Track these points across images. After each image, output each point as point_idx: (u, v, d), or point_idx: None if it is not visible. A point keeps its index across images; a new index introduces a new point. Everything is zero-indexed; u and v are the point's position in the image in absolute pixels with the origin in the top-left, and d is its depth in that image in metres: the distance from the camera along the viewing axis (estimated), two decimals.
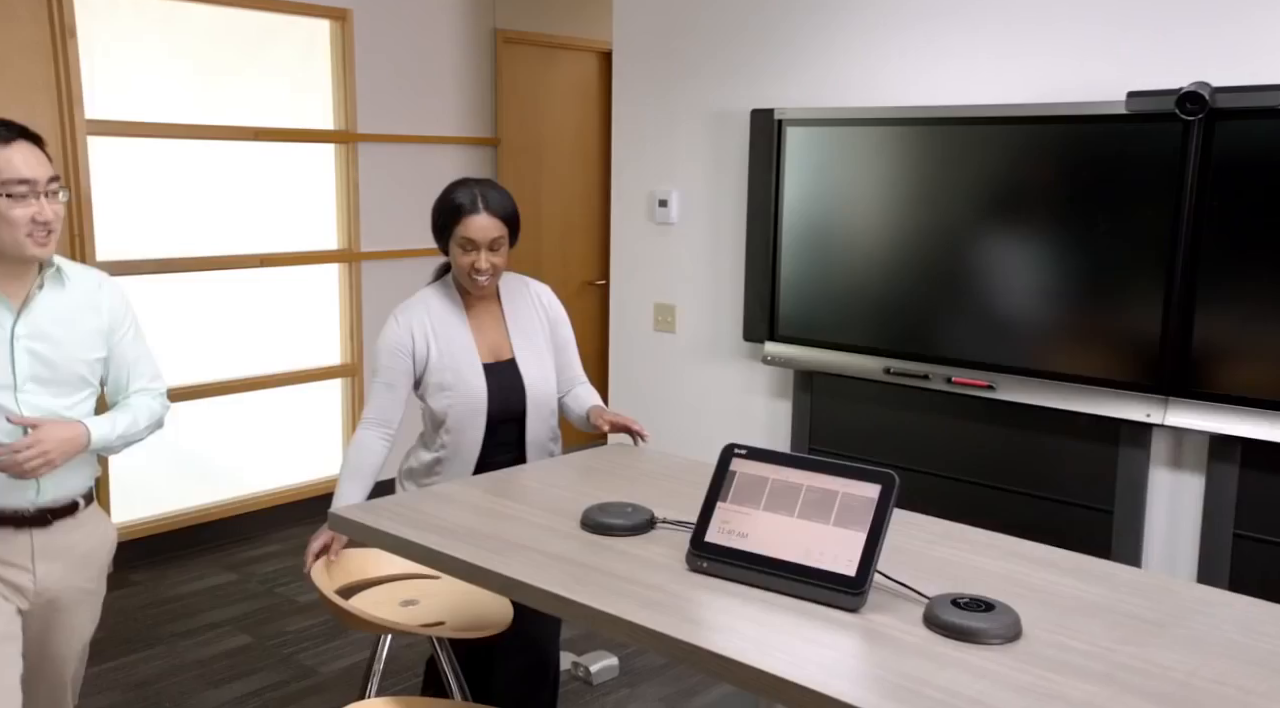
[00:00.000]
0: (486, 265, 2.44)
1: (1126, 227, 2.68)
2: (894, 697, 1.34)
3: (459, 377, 2.44)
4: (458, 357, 2.47)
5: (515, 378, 2.51)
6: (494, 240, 2.43)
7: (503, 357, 2.52)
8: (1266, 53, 2.52)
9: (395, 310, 2.51)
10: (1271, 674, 1.41)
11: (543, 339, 2.59)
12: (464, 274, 2.46)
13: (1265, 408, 2.52)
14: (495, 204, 2.44)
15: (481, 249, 2.43)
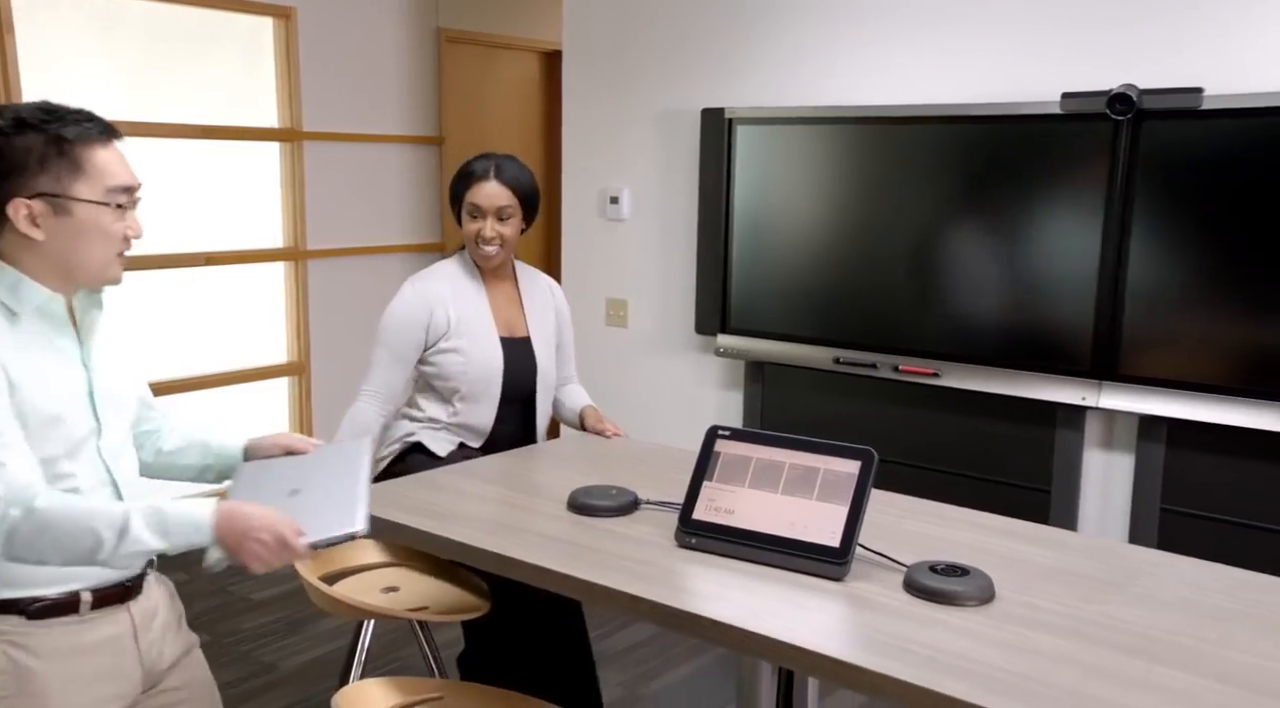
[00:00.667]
0: (493, 234, 2.44)
1: (1061, 221, 2.85)
2: (884, 654, 1.44)
3: (475, 343, 2.44)
4: (474, 324, 2.46)
5: (529, 355, 2.53)
6: (502, 209, 2.43)
7: (517, 333, 2.54)
8: (1189, 56, 2.69)
9: (410, 278, 2.49)
10: (1220, 624, 1.55)
11: (552, 329, 2.63)
12: (471, 242, 2.47)
13: (1188, 390, 2.70)
14: (508, 174, 2.46)
15: (489, 217, 2.43)
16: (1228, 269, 2.63)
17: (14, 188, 1.49)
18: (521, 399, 2.52)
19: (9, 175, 1.49)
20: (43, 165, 1.49)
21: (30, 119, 1.50)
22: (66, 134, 1.50)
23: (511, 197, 2.45)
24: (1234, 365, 2.64)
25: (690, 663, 3.42)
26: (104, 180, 1.54)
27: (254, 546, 1.55)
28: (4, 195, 1.49)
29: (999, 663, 1.42)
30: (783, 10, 3.36)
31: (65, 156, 1.50)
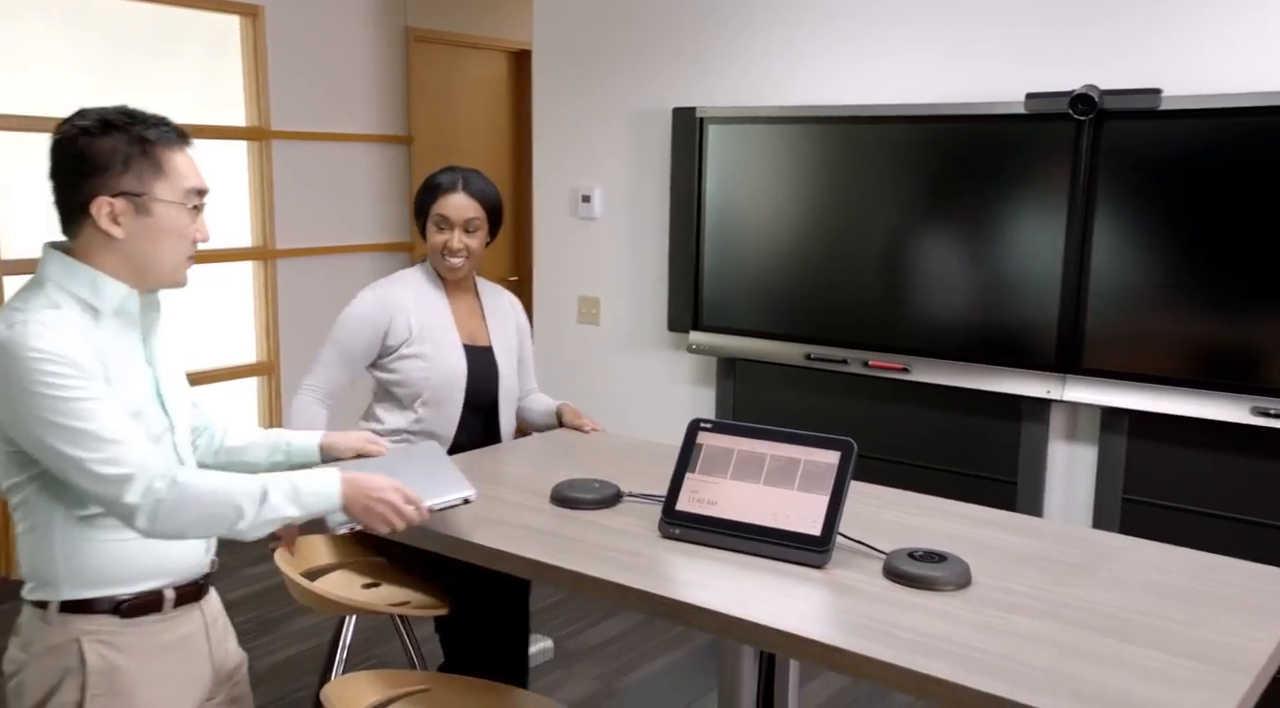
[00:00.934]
0: (460, 246, 2.45)
1: (1026, 219, 2.91)
2: (867, 637, 1.48)
3: (438, 349, 2.44)
4: (437, 331, 2.46)
5: (491, 365, 2.53)
6: (469, 221, 2.45)
7: (479, 342, 2.54)
8: (1149, 57, 2.77)
9: (373, 284, 2.49)
10: (1188, 605, 1.60)
11: (514, 341, 2.63)
12: (437, 254, 2.47)
13: (1149, 383, 2.78)
14: (475, 187, 2.48)
15: (456, 229, 2.44)
16: (1186, 266, 2.71)
17: (98, 186, 1.53)
18: (484, 408, 2.52)
19: (94, 174, 1.52)
20: (126, 165, 1.53)
21: (115, 120, 1.55)
22: (149, 136, 1.55)
23: (479, 209, 2.47)
24: (1192, 359, 2.72)
25: (665, 657, 3.46)
26: (182, 182, 1.58)
27: (381, 507, 1.66)
28: (88, 193, 1.53)
29: (978, 645, 1.47)
30: (753, 10, 3.40)
31: (147, 157, 1.55)
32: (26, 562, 1.58)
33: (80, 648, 1.55)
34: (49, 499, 1.54)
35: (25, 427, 1.48)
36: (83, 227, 1.55)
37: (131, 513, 1.50)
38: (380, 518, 1.67)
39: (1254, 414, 2.64)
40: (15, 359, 1.47)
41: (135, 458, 1.50)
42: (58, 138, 1.55)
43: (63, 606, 1.55)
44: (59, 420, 1.47)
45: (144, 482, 1.49)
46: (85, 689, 1.54)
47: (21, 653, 1.58)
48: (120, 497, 1.49)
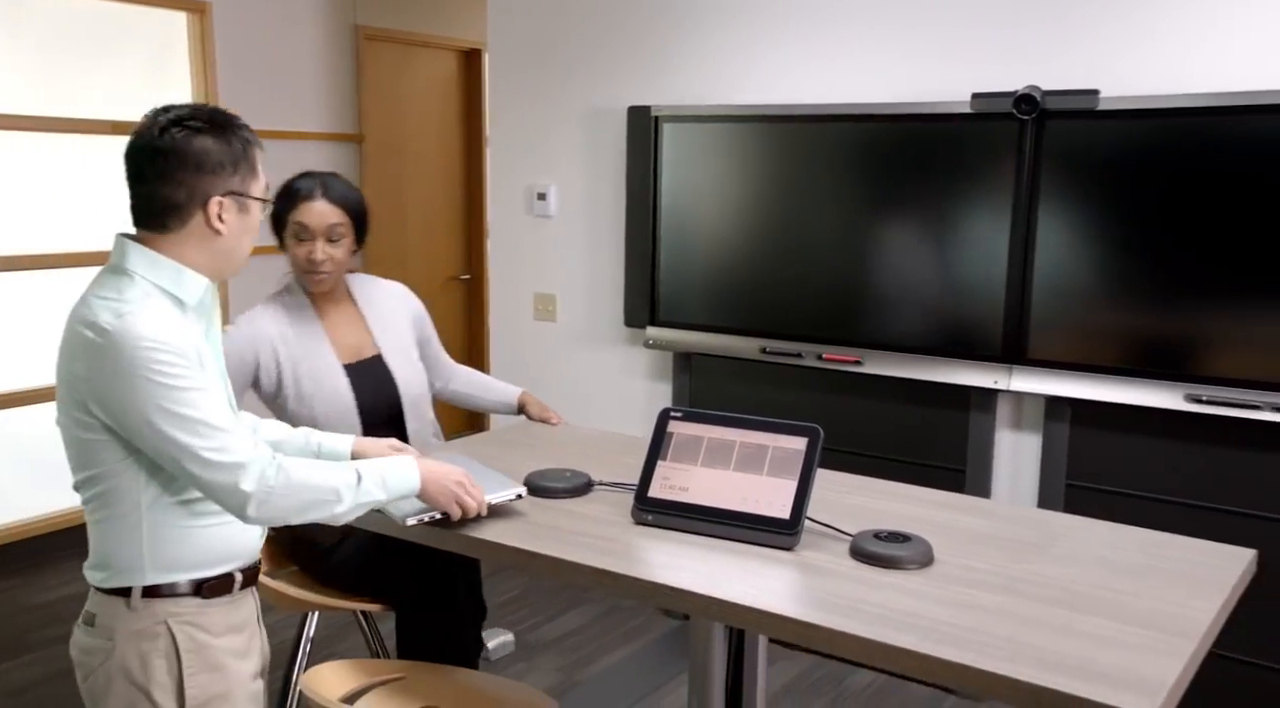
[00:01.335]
0: (323, 256, 2.28)
1: (973, 215, 3.01)
2: (838, 613, 1.55)
3: (319, 382, 2.30)
4: (314, 361, 2.32)
5: (384, 375, 2.40)
6: (332, 228, 2.29)
7: (365, 355, 2.40)
8: (1089, 59, 2.88)
9: (234, 321, 2.34)
10: (1137, 579, 1.70)
11: (408, 336, 2.49)
12: (299, 267, 2.31)
13: (1091, 372, 2.89)
14: (336, 192, 2.31)
15: (318, 238, 2.28)
16: (1125, 260, 2.82)
17: (213, 185, 1.61)
18: (387, 421, 2.40)
19: (211, 173, 1.61)
20: (235, 166, 1.63)
21: (221, 121, 1.63)
22: (249, 137, 1.66)
23: (342, 215, 2.31)
24: (1130, 349, 2.84)
25: (625, 648, 3.51)
26: (262, 181, 1.70)
27: (456, 489, 1.81)
28: (204, 192, 1.61)
29: (943, 618, 1.54)
30: (707, 11, 3.46)
31: (247, 159, 1.65)
32: (104, 551, 1.62)
33: (169, 629, 1.62)
34: (136, 487, 1.59)
35: (137, 415, 1.53)
36: (185, 223, 1.61)
37: (245, 501, 1.56)
38: (453, 498, 1.80)
39: (1187, 401, 2.76)
40: (129, 348, 1.52)
41: (245, 446, 1.57)
42: (161, 136, 1.59)
43: (145, 591, 1.61)
44: (174, 409, 1.52)
45: (257, 469, 1.57)
46: (181, 667, 1.62)
47: (102, 641, 1.62)
48: (237, 484, 1.55)
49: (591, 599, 3.87)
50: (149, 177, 1.60)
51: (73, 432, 1.59)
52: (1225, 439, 2.78)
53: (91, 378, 1.54)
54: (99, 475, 1.59)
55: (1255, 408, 2.68)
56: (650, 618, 3.74)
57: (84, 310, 1.57)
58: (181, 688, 1.61)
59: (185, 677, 1.61)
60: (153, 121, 1.61)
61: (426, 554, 2.27)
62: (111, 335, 1.52)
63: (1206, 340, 2.73)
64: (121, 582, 1.61)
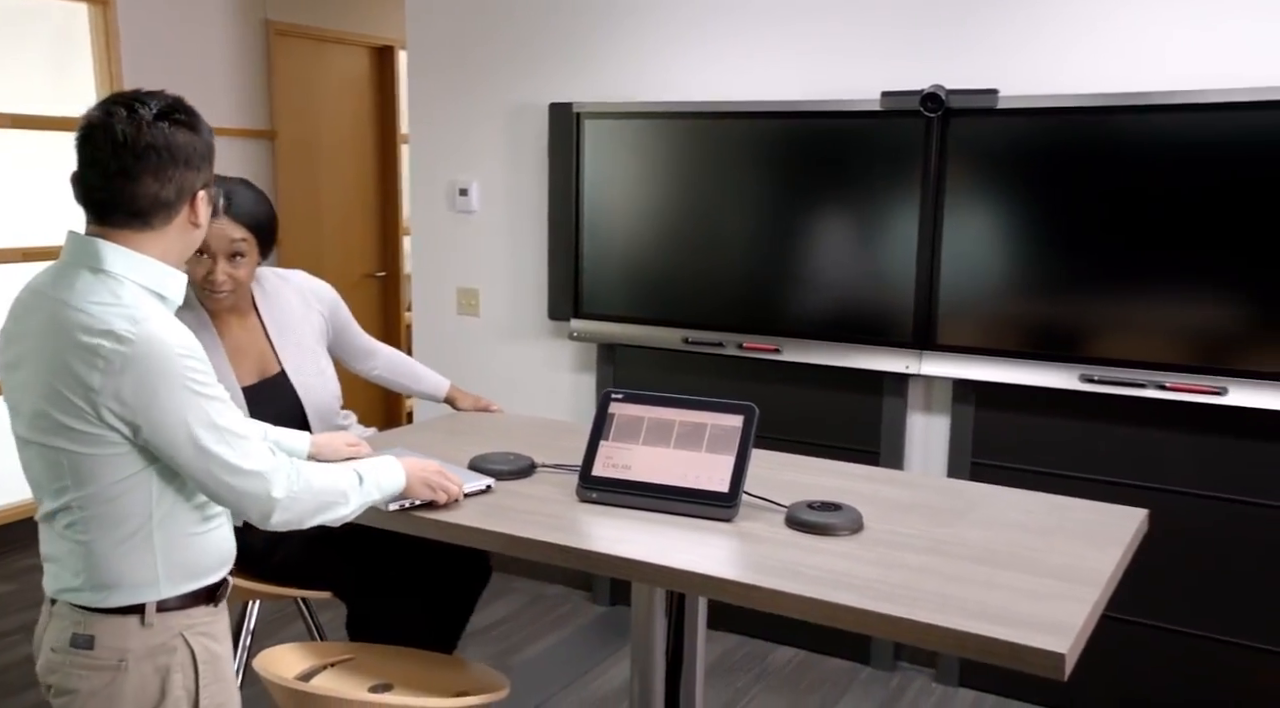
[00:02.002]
0: (223, 278, 2.17)
1: (884, 209, 3.16)
2: (779, 576, 1.65)
3: None
4: None
5: (288, 393, 2.33)
6: (235, 244, 2.17)
7: (269, 372, 2.32)
8: (992, 59, 3.06)
9: None
10: (1046, 538, 1.84)
11: (313, 337, 2.42)
12: (196, 285, 2.19)
13: (993, 356, 3.07)
14: (242, 208, 2.18)
15: (219, 259, 2.16)
16: (1024, 251, 3.01)
17: (198, 179, 1.58)
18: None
19: (197, 167, 1.57)
20: (206, 158, 1.60)
21: (196, 114, 1.60)
22: (210, 128, 1.63)
23: (246, 233, 2.19)
24: (1030, 334, 3.02)
25: (553, 635, 3.58)
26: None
27: (440, 479, 1.88)
28: (191, 185, 1.57)
29: (876, 577, 1.66)
30: (627, 10, 3.55)
31: (214, 153, 1.63)
32: (104, 570, 1.54)
33: (186, 642, 1.59)
34: (148, 500, 1.54)
35: (180, 426, 1.49)
36: (170, 220, 1.56)
37: (273, 507, 1.57)
38: (439, 487, 1.88)
39: (1081, 381, 2.96)
40: (163, 357, 1.48)
41: (267, 453, 1.57)
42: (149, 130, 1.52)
43: (159, 605, 1.57)
44: (209, 418, 1.51)
45: (283, 475, 1.58)
46: (199, 680, 1.59)
47: (109, 663, 1.55)
48: (269, 492, 1.56)
49: (516, 590, 3.93)
50: (135, 173, 1.51)
51: (59, 451, 1.50)
52: (1115, 415, 2.98)
53: (120, 389, 1.46)
54: (96, 494, 1.52)
55: (1141, 386, 2.88)
56: (576, 605, 3.82)
57: (82, 318, 1.48)
58: (197, 701, 1.59)
59: (200, 688, 1.59)
60: (132, 111, 1.52)
61: (371, 543, 2.30)
62: (140, 344, 1.46)
63: (1098, 325, 2.93)
64: (132, 599, 1.55)
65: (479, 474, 2.04)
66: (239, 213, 2.17)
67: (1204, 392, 2.81)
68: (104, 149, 1.50)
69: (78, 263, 1.53)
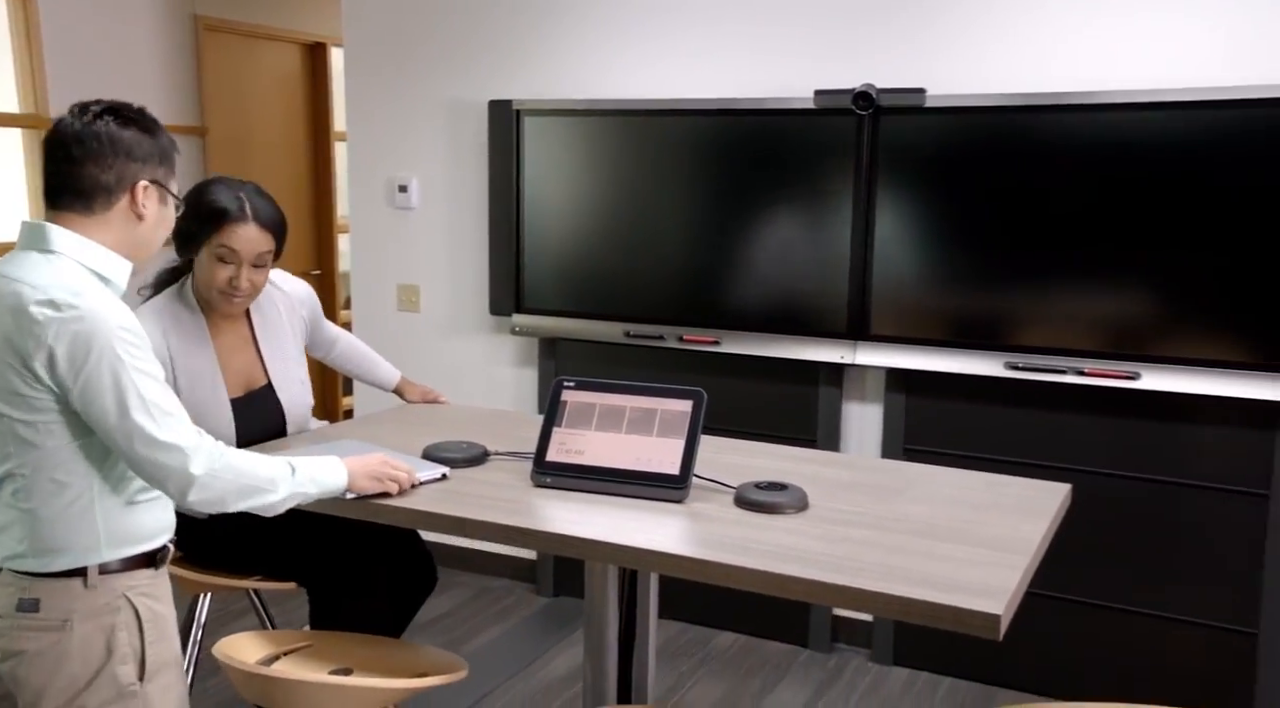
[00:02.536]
0: (247, 285, 2.17)
1: (818, 204, 3.26)
2: (731, 551, 1.72)
3: (201, 414, 2.15)
4: (199, 389, 2.18)
5: (272, 407, 2.33)
6: (261, 255, 2.18)
7: (256, 385, 2.31)
8: (916, 59, 3.18)
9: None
10: (979, 512, 1.95)
11: (295, 346, 2.43)
12: (215, 290, 2.18)
13: (924, 345, 3.19)
14: (266, 214, 2.19)
15: (245, 265, 2.16)
16: (952, 244, 3.13)
17: (140, 171, 1.69)
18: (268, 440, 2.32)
19: (140, 160, 1.69)
20: (160, 160, 1.73)
21: (151, 119, 1.74)
22: (172, 140, 1.78)
23: (271, 241, 2.20)
24: (959, 324, 3.15)
25: (498, 627, 3.61)
26: (177, 182, 1.80)
27: (386, 470, 1.92)
28: (132, 176, 1.68)
29: (822, 551, 1.74)
30: (565, 8, 3.60)
31: (169, 157, 1.76)
32: (46, 537, 1.62)
33: (130, 602, 1.68)
34: (90, 468, 1.64)
35: (110, 394, 1.57)
36: (111, 206, 1.67)
37: (190, 483, 1.62)
38: (387, 478, 1.92)
39: (1006, 368, 3.10)
40: (104, 328, 1.57)
41: (191, 431, 1.64)
42: (94, 122, 1.66)
43: (101, 568, 1.65)
44: (137, 390, 1.58)
45: (204, 453, 1.64)
46: (144, 638, 1.68)
47: (53, 624, 1.63)
48: (185, 466, 1.61)
49: (461, 583, 3.95)
50: (78, 157, 1.65)
51: (3, 417, 1.60)
52: (1038, 401, 3.13)
53: (55, 353, 1.56)
54: (38, 461, 1.61)
55: (1061, 372, 3.03)
56: (521, 597, 3.86)
57: (25, 290, 1.58)
58: (143, 658, 1.67)
59: (146, 645, 1.68)
60: (84, 110, 1.68)
61: (340, 535, 2.32)
62: (77, 313, 1.56)
63: (1021, 315, 3.07)
64: (74, 563, 1.64)
65: (433, 463, 2.08)
66: (265, 220, 2.20)
67: (1118, 377, 2.96)
68: (54, 140, 1.68)
69: (29, 246, 1.66)
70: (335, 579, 2.33)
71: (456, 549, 3.99)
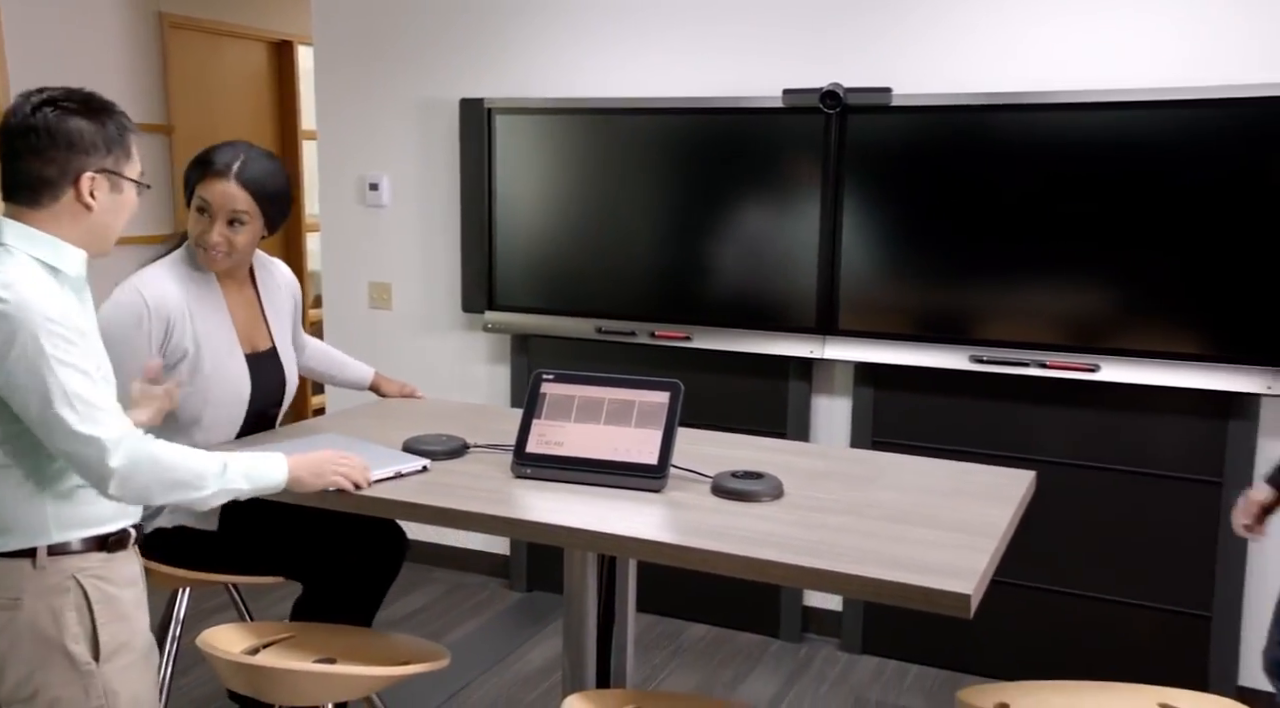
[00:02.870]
0: (219, 239, 2.18)
1: (787, 201, 3.32)
2: (709, 537, 1.77)
3: (219, 368, 2.22)
4: (216, 342, 2.23)
5: (277, 371, 2.37)
6: (236, 213, 2.18)
7: (260, 347, 2.36)
8: (886, 58, 3.24)
9: (131, 280, 2.18)
10: (948, 498, 2.00)
11: (289, 325, 2.49)
12: (193, 242, 2.22)
13: (891, 339, 3.26)
14: (251, 174, 2.18)
15: (217, 220, 2.18)
16: (918, 240, 3.20)
17: (86, 163, 1.69)
18: (261, 412, 2.36)
19: (84, 151, 1.68)
20: (108, 147, 1.71)
21: (97, 105, 1.72)
22: (125, 123, 1.75)
23: (250, 201, 2.18)
24: (925, 318, 3.22)
25: (473, 622, 3.64)
26: (137, 165, 1.78)
27: (338, 465, 1.92)
28: (76, 168, 1.68)
29: (799, 536, 1.79)
30: (536, 7, 3.63)
31: (122, 143, 1.73)
32: (4, 516, 1.66)
33: (78, 583, 1.69)
34: (34, 450, 1.66)
35: (24, 388, 1.59)
36: (58, 198, 1.68)
37: (108, 475, 1.62)
38: (340, 474, 1.92)
39: (971, 362, 3.17)
40: (31, 319, 1.58)
41: (116, 424, 1.64)
42: (33, 114, 1.66)
43: (50, 549, 1.67)
44: (57, 382, 1.59)
45: (125, 447, 1.63)
46: (94, 618, 1.70)
47: (6, 604, 1.67)
48: (104, 459, 1.61)
49: (435, 580, 3.97)
50: (20, 151, 1.66)
51: None
52: (1002, 393, 3.21)
53: None
54: None
55: (1025, 365, 3.11)
56: (494, 593, 3.88)
57: None
58: (96, 638, 1.69)
59: (98, 626, 1.69)
60: (25, 101, 1.68)
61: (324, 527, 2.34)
62: (7, 306, 1.58)
63: (985, 309, 3.15)
64: (23, 543, 1.67)
65: (414, 456, 2.10)
66: (246, 178, 2.19)
67: (1079, 369, 3.05)
68: (1, 134, 1.69)
69: None
70: (319, 566, 2.35)
71: (430, 546, 4.01)
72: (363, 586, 2.40)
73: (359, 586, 2.39)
